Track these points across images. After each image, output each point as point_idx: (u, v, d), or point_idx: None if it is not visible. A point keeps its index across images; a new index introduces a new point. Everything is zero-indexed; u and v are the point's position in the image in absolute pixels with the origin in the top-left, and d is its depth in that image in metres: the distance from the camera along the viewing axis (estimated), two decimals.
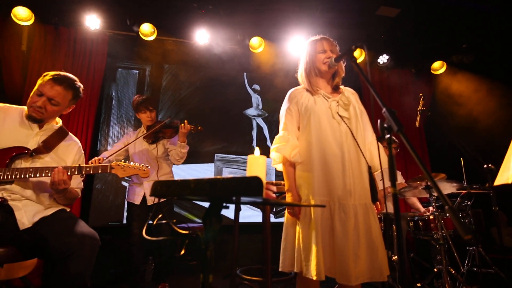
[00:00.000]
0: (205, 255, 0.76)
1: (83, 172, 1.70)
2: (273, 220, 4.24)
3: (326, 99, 1.66)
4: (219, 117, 4.43)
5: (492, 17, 3.69)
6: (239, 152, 4.45)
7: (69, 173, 1.65)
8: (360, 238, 1.46)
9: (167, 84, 4.40)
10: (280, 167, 1.70)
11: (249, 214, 4.23)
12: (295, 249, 1.53)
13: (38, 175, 1.63)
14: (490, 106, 3.95)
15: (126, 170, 1.81)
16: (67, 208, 1.81)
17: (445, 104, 4.45)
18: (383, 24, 3.93)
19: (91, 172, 1.71)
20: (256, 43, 4.02)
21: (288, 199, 1.62)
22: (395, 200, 0.96)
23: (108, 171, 1.76)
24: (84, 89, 1.91)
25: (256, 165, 0.86)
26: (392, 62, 4.38)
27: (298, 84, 1.79)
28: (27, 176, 1.62)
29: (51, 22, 3.57)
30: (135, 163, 1.86)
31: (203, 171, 4.23)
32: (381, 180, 1.32)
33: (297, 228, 1.55)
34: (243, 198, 0.77)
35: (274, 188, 1.79)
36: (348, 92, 1.75)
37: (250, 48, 4.06)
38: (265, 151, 1.12)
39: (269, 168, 4.20)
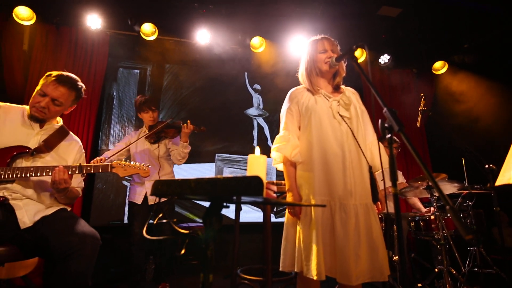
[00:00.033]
0: (206, 255, 0.76)
1: (84, 171, 1.70)
2: (274, 220, 4.24)
3: (327, 99, 1.65)
4: (220, 117, 4.42)
5: (494, 17, 3.68)
6: (240, 152, 4.44)
7: (70, 172, 1.65)
8: (361, 238, 1.45)
9: (168, 84, 4.40)
10: (281, 167, 1.70)
11: (250, 214, 4.23)
12: (296, 249, 1.52)
13: (39, 174, 1.63)
14: (491, 106, 3.94)
15: (127, 170, 1.81)
16: (68, 208, 1.81)
17: (447, 104, 4.44)
18: (385, 24, 3.92)
19: (92, 171, 1.71)
20: (257, 43, 4.02)
21: (289, 199, 1.62)
22: (396, 200, 0.96)
23: (109, 171, 1.76)
24: (86, 89, 1.92)
25: (257, 165, 0.86)
26: (393, 62, 4.37)
27: (299, 84, 1.78)
28: (28, 175, 1.63)
29: (53, 22, 3.58)
30: (136, 163, 1.86)
31: (204, 171, 4.22)
32: (382, 180, 1.31)
33: (298, 228, 1.55)
34: (244, 198, 0.77)
35: (275, 188, 1.78)
36: (349, 92, 1.75)
37: (251, 48, 4.06)
38: (266, 151, 1.12)
39: (270, 168, 4.20)
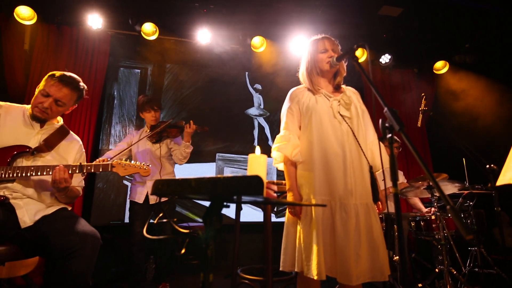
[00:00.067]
0: (206, 254, 0.76)
1: (84, 171, 1.70)
2: (274, 220, 4.24)
3: (328, 99, 1.65)
4: (221, 117, 4.42)
5: (495, 17, 3.67)
6: (241, 152, 4.44)
7: (70, 172, 1.65)
8: (361, 238, 1.45)
9: (169, 84, 4.40)
10: (281, 167, 1.70)
11: (250, 214, 4.23)
12: (296, 249, 1.52)
13: (40, 174, 1.64)
14: (492, 106, 3.93)
15: (127, 169, 1.82)
16: (69, 207, 1.81)
17: (448, 104, 4.43)
18: (386, 24, 3.92)
19: (92, 171, 1.71)
20: (258, 43, 4.02)
21: (289, 199, 1.61)
22: (397, 200, 0.95)
23: (109, 170, 1.76)
24: (87, 89, 1.92)
25: (257, 164, 0.86)
26: (394, 62, 4.36)
27: (300, 84, 1.78)
28: (29, 175, 1.63)
29: (54, 22, 3.58)
30: (136, 162, 1.86)
31: (205, 171, 4.22)
32: (383, 180, 1.31)
33: (298, 228, 1.54)
34: (244, 197, 0.77)
35: (275, 188, 1.78)
36: (350, 92, 1.74)
37: (252, 48, 4.06)
38: (267, 151, 1.12)
39: (271, 168, 4.20)
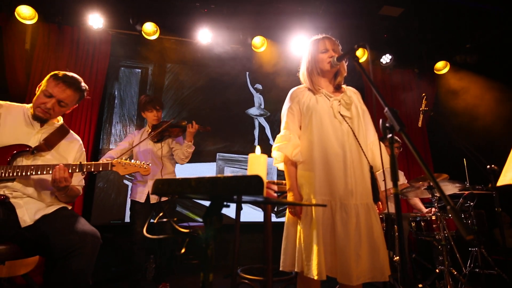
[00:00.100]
0: (206, 254, 0.76)
1: (84, 170, 1.70)
2: (274, 220, 4.23)
3: (328, 98, 1.65)
4: (221, 117, 4.42)
5: (496, 17, 3.67)
6: (241, 152, 4.44)
7: (70, 171, 1.65)
8: (362, 238, 1.45)
9: (170, 83, 4.40)
10: (282, 166, 1.69)
11: (250, 214, 4.22)
12: (296, 249, 1.52)
13: (40, 173, 1.64)
14: (493, 106, 3.93)
15: (127, 168, 1.82)
16: (69, 206, 1.81)
17: (448, 105, 4.43)
18: (386, 24, 3.92)
19: (92, 170, 1.71)
20: (259, 43, 4.02)
21: (290, 199, 1.61)
22: (397, 200, 0.95)
23: (109, 169, 1.76)
24: (88, 90, 1.92)
25: (257, 164, 0.86)
26: (395, 62, 4.36)
27: (300, 83, 1.78)
28: (29, 174, 1.63)
29: (55, 21, 3.59)
30: (137, 161, 1.86)
31: (205, 170, 4.22)
32: (383, 180, 1.31)
33: (298, 228, 1.54)
34: (244, 197, 0.77)
35: (275, 187, 1.78)
36: (350, 92, 1.74)
37: (253, 48, 4.06)
38: (267, 151, 1.12)
39: (271, 168, 4.20)
